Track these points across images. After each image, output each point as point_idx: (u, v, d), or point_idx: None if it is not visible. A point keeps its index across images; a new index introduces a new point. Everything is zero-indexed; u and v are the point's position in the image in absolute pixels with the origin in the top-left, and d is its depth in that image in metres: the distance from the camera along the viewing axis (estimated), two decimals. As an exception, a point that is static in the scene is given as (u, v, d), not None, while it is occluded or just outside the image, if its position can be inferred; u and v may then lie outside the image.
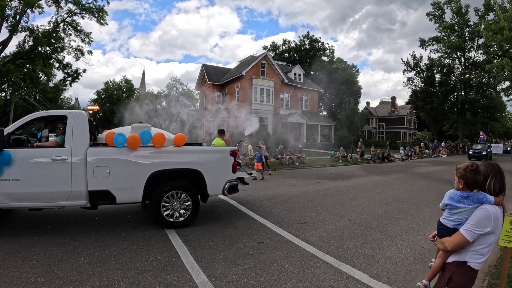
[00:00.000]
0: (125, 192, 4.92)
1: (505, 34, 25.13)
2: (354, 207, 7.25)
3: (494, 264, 4.00)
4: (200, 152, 5.58)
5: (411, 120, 52.48)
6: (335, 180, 12.08)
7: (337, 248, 4.54)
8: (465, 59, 41.47)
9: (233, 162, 5.60)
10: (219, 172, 5.50)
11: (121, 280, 3.37)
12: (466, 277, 2.08)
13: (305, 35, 51.71)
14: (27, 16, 23.98)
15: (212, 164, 5.46)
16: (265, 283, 3.41)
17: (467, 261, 2.06)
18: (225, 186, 5.50)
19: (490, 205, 2.01)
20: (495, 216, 1.98)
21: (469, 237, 2.00)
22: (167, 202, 5.15)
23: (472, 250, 2.05)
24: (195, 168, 5.27)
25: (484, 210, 1.99)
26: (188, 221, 5.27)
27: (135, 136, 5.02)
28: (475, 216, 2.01)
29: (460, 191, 2.12)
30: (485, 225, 1.97)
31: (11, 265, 3.62)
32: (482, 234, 1.99)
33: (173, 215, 5.18)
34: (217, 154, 5.67)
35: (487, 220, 1.97)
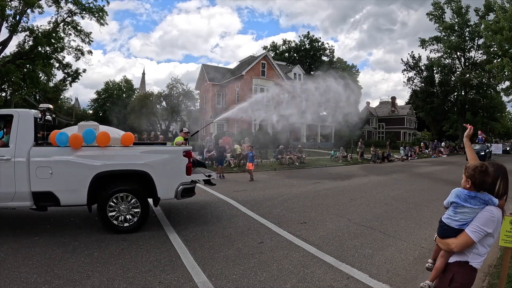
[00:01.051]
0: (69, 194, 4.70)
1: (505, 34, 25.11)
2: (354, 207, 7.25)
3: (494, 264, 4.00)
4: (149, 153, 5.19)
5: (411, 120, 52.49)
6: (335, 180, 12.08)
7: (337, 248, 4.54)
8: (465, 59, 41.47)
9: (187, 163, 5.20)
10: (170, 174, 5.13)
11: (121, 280, 3.37)
12: (467, 277, 2.10)
13: (305, 35, 51.73)
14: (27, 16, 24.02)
15: (162, 165, 5.10)
16: (265, 283, 3.41)
17: (469, 261, 2.07)
18: (178, 189, 5.11)
19: (494, 207, 2.01)
20: (498, 218, 2.00)
21: (475, 238, 2.01)
22: (114, 205, 4.84)
23: (474, 250, 2.06)
24: (143, 170, 4.93)
25: (490, 212, 2.00)
26: (137, 225, 4.93)
27: (77, 135, 4.79)
28: (482, 218, 2.01)
29: (467, 190, 2.10)
30: (489, 226, 1.99)
31: (11, 265, 3.62)
32: (485, 235, 2.01)
33: (120, 219, 4.87)
34: (168, 155, 5.25)
35: (491, 222, 1.99)
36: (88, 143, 4.90)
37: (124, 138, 5.27)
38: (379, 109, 56.07)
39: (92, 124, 5.37)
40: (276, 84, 30.91)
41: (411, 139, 46.31)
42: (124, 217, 4.89)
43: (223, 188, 9.35)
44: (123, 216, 4.88)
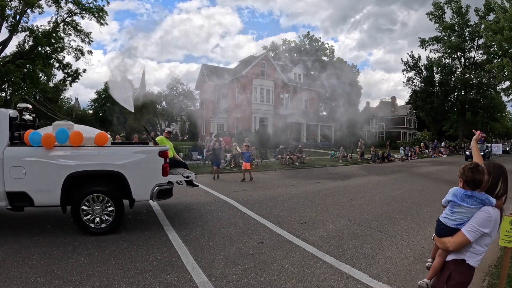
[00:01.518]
0: (42, 195, 4.64)
1: (505, 34, 25.10)
2: (354, 207, 7.25)
3: (494, 264, 4.00)
4: (123, 153, 5.10)
5: (411, 120, 52.48)
6: (335, 180, 12.08)
7: (337, 248, 4.54)
8: (465, 59, 41.45)
9: (163, 164, 5.06)
10: (145, 175, 5.01)
11: (121, 280, 3.37)
12: (465, 275, 2.11)
13: (305, 35, 51.80)
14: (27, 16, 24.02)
15: (137, 166, 4.98)
16: (265, 283, 3.41)
17: (466, 259, 2.08)
18: (153, 190, 4.99)
19: (491, 207, 2.02)
20: (495, 218, 2.00)
21: (471, 238, 2.01)
22: (88, 207, 4.74)
23: (471, 249, 2.07)
24: (117, 170, 4.82)
25: (487, 212, 2.00)
26: (111, 228, 4.82)
27: (50, 135, 4.70)
28: (478, 217, 2.01)
29: (464, 190, 2.09)
30: (486, 226, 1.99)
31: (11, 265, 3.62)
32: (482, 235, 2.01)
33: (96, 220, 4.77)
34: (143, 155, 5.09)
35: (488, 222, 1.99)
36: (61, 142, 4.81)
37: (97, 138, 5.11)
38: (379, 109, 56.04)
39: (66, 124, 5.27)
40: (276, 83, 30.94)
41: (411, 139, 46.31)
42: (99, 218, 4.77)
43: (223, 188, 9.35)
44: (97, 218, 4.77)
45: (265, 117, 30.35)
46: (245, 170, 11.23)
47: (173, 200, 7.49)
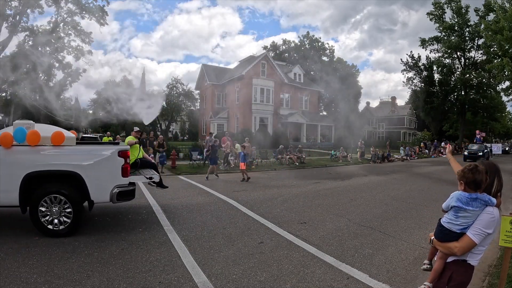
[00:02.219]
0: (1, 195, 4.54)
1: (505, 34, 25.10)
2: (354, 207, 7.25)
3: (494, 264, 4.00)
4: (80, 153, 4.93)
5: (411, 120, 52.49)
6: (335, 180, 12.08)
7: (337, 248, 4.54)
8: (465, 59, 41.43)
9: (122, 164, 4.88)
10: (103, 176, 4.85)
11: (121, 280, 3.37)
12: (466, 274, 2.11)
13: (305, 35, 51.83)
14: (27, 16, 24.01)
15: (95, 166, 4.81)
16: (265, 283, 3.41)
17: (467, 259, 2.08)
18: (112, 191, 4.82)
19: (493, 207, 2.02)
20: (497, 218, 2.02)
21: (478, 241, 2.01)
22: (46, 208, 4.61)
23: (473, 250, 2.07)
24: (73, 170, 4.67)
25: (490, 213, 2.01)
26: (70, 230, 4.66)
27: (7, 134, 4.62)
28: (483, 220, 2.01)
29: (468, 193, 2.07)
30: (490, 227, 2.01)
31: (11, 265, 3.62)
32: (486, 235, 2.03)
33: (53, 221, 4.62)
34: (101, 155, 4.93)
35: (492, 223, 2.00)
36: (19, 142, 4.72)
37: (53, 137, 4.93)
38: (379, 109, 56.06)
39: (26, 123, 5.16)
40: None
41: (411, 139, 46.30)
42: (57, 220, 4.64)
43: (223, 188, 9.35)
44: (56, 219, 4.64)
45: (265, 117, 30.36)
46: (241, 170, 11.24)
47: (173, 200, 7.50)
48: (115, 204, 6.55)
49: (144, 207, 6.73)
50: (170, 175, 12.31)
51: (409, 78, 46.09)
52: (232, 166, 14.90)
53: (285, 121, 30.94)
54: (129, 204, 6.97)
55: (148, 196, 7.86)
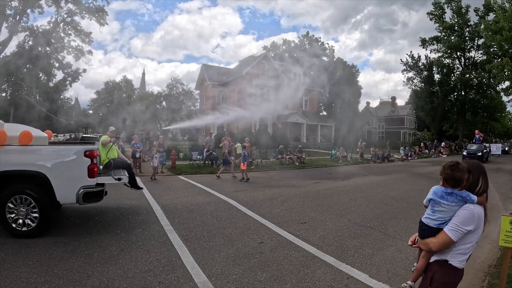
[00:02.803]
0: None
1: (505, 34, 25.09)
2: (354, 207, 7.25)
3: (494, 264, 4.00)
4: (45, 152, 4.86)
5: (411, 120, 52.48)
6: (335, 180, 12.08)
7: (337, 248, 4.54)
8: (465, 59, 41.43)
9: (89, 164, 4.78)
10: (68, 176, 4.75)
11: (121, 280, 3.37)
12: (448, 275, 2.06)
13: (305, 35, 51.79)
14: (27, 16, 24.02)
15: (60, 166, 4.73)
16: (265, 283, 3.41)
17: (448, 260, 2.05)
18: (78, 192, 4.72)
19: (473, 204, 2.00)
20: (478, 215, 1.98)
21: (454, 237, 1.99)
22: (13, 208, 4.54)
23: (454, 249, 2.04)
24: (40, 171, 4.59)
25: (469, 209, 1.99)
26: (37, 230, 4.57)
27: None
28: (460, 215, 2.00)
29: (444, 187, 2.09)
30: (469, 224, 1.97)
31: (11, 265, 3.62)
32: (465, 233, 1.99)
33: (21, 222, 4.56)
34: (66, 155, 4.83)
35: (471, 219, 1.97)
36: None
37: (21, 136, 4.86)
38: (379, 109, 56.03)
39: None
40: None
41: (411, 139, 46.28)
42: (21, 220, 4.57)
43: (223, 188, 9.35)
44: (21, 220, 4.57)
45: (265, 117, 30.33)
46: (242, 170, 11.27)
47: (173, 200, 7.50)
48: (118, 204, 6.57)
49: (144, 207, 6.73)
50: (170, 175, 12.31)
51: (409, 78, 46.13)
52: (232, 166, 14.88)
53: (285, 121, 30.93)
54: (129, 204, 6.99)
55: (148, 196, 7.86)
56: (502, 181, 12.78)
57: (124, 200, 7.37)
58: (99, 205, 6.78)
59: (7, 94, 27.97)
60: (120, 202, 7.08)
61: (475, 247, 2.09)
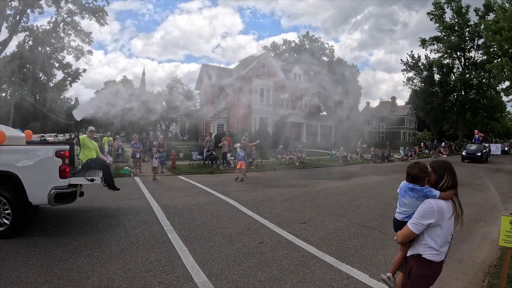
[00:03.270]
0: None
1: (505, 35, 25.08)
2: (354, 207, 7.25)
3: (494, 264, 4.00)
4: (17, 152, 4.79)
5: (411, 120, 52.46)
6: (335, 180, 12.08)
7: (337, 248, 4.54)
8: (465, 59, 41.43)
9: (60, 165, 4.71)
10: (40, 177, 4.70)
11: (121, 280, 3.37)
12: (424, 269, 2.16)
13: (305, 34, 51.81)
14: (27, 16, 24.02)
15: (32, 167, 4.67)
16: (265, 283, 3.41)
17: (421, 253, 2.15)
18: (50, 193, 4.64)
19: (434, 199, 2.11)
20: (439, 209, 2.07)
21: (414, 230, 2.12)
22: None
23: (424, 243, 2.15)
24: (9, 171, 4.54)
25: (427, 204, 2.11)
26: (10, 231, 4.55)
27: None
28: (420, 210, 2.14)
29: (407, 183, 2.28)
30: (429, 217, 2.08)
31: (11, 265, 3.62)
32: (430, 227, 2.10)
33: None
34: (37, 155, 4.76)
35: (430, 213, 2.07)
36: None
37: None
38: (379, 109, 56.04)
39: None
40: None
41: (411, 139, 46.28)
42: None
43: (223, 188, 9.35)
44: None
45: (265, 117, 30.34)
46: (238, 169, 11.24)
47: (173, 200, 7.50)
48: (118, 204, 6.56)
49: (144, 207, 6.73)
50: (170, 175, 12.32)
51: (409, 78, 46.12)
52: (232, 166, 14.90)
53: (285, 121, 30.93)
54: (129, 204, 6.99)
55: (148, 196, 7.87)
56: (502, 181, 12.79)
57: (124, 200, 7.38)
58: (99, 205, 6.79)
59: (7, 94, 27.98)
60: (120, 202, 7.08)
61: (451, 241, 2.18)
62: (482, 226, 6.03)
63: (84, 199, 7.31)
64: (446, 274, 3.80)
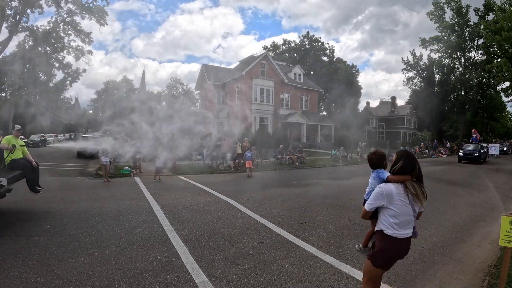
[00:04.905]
0: None
1: (504, 35, 25.06)
2: (354, 207, 7.24)
3: (494, 264, 4.00)
4: None
5: (411, 120, 52.45)
6: (335, 180, 12.07)
7: (337, 248, 4.54)
8: (465, 59, 41.46)
9: None
10: None
11: (121, 280, 3.37)
12: (384, 243, 2.45)
13: (305, 35, 51.79)
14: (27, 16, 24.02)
15: None
16: (265, 283, 3.41)
17: (382, 229, 2.46)
18: None
19: (383, 184, 2.45)
20: (387, 193, 2.38)
21: (367, 208, 2.49)
22: None
23: (383, 221, 2.45)
24: None
25: (378, 188, 2.45)
26: None
27: None
28: (372, 193, 2.48)
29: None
30: (378, 199, 2.41)
31: (11, 265, 3.62)
32: (383, 207, 2.42)
33: None
34: None
35: (379, 196, 2.41)
36: None
37: None
38: (379, 109, 56.02)
39: None
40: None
41: (411, 139, 46.29)
42: None
43: (223, 188, 9.35)
44: None
45: (265, 117, 30.33)
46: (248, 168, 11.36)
47: (173, 200, 7.50)
48: (118, 204, 6.54)
49: (144, 207, 6.73)
50: (170, 175, 12.31)
51: (409, 78, 46.18)
52: (232, 166, 14.89)
53: (285, 121, 30.92)
54: (129, 204, 6.99)
55: (148, 196, 7.87)
56: (502, 181, 12.78)
57: (124, 200, 7.38)
58: (99, 205, 6.79)
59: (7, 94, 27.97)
60: (120, 202, 7.08)
61: (401, 220, 2.41)
62: (482, 226, 6.03)
63: (84, 199, 7.32)
64: (446, 274, 3.80)
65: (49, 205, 6.50)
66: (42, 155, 16.49)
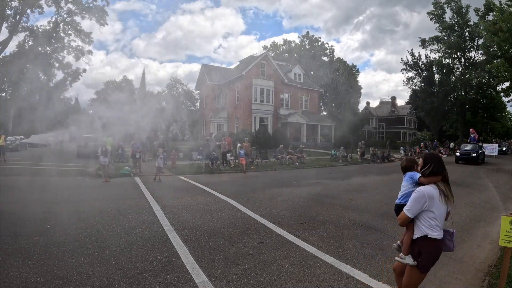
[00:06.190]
0: None
1: (502, 36, 25.01)
2: (354, 207, 7.24)
3: (494, 264, 4.00)
4: None
5: (411, 120, 52.46)
6: (335, 180, 12.07)
7: (337, 248, 4.54)
8: (465, 59, 41.44)
9: None
10: None
11: (121, 280, 3.37)
12: (432, 247, 2.43)
13: (305, 35, 51.78)
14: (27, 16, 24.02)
15: None
16: (265, 283, 3.41)
17: (427, 234, 2.42)
18: None
19: (422, 186, 2.44)
20: (429, 195, 2.37)
21: (409, 214, 2.45)
22: None
23: (427, 225, 2.42)
24: None
25: (418, 191, 2.42)
26: None
27: None
28: (412, 197, 2.45)
29: None
30: (420, 202, 2.39)
31: (11, 265, 3.62)
32: (425, 210, 2.39)
33: None
34: None
35: (421, 199, 2.38)
36: None
37: None
38: (379, 109, 56.03)
39: None
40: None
41: (411, 139, 46.28)
42: None
43: (223, 188, 9.35)
44: None
45: (265, 117, 30.33)
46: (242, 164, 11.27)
47: (173, 200, 7.50)
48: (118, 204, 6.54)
49: (144, 207, 6.73)
50: (170, 175, 12.31)
51: (409, 77, 46.14)
52: (232, 166, 14.89)
53: (285, 121, 30.91)
54: (129, 204, 6.99)
55: (148, 196, 7.86)
56: (502, 181, 12.78)
57: (124, 200, 7.38)
58: (99, 205, 6.79)
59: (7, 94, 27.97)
60: (120, 202, 7.08)
61: (441, 223, 2.44)
62: (482, 226, 6.03)
63: (84, 199, 7.32)
64: (446, 274, 3.80)
65: (49, 205, 6.49)
66: (42, 155, 16.49)
